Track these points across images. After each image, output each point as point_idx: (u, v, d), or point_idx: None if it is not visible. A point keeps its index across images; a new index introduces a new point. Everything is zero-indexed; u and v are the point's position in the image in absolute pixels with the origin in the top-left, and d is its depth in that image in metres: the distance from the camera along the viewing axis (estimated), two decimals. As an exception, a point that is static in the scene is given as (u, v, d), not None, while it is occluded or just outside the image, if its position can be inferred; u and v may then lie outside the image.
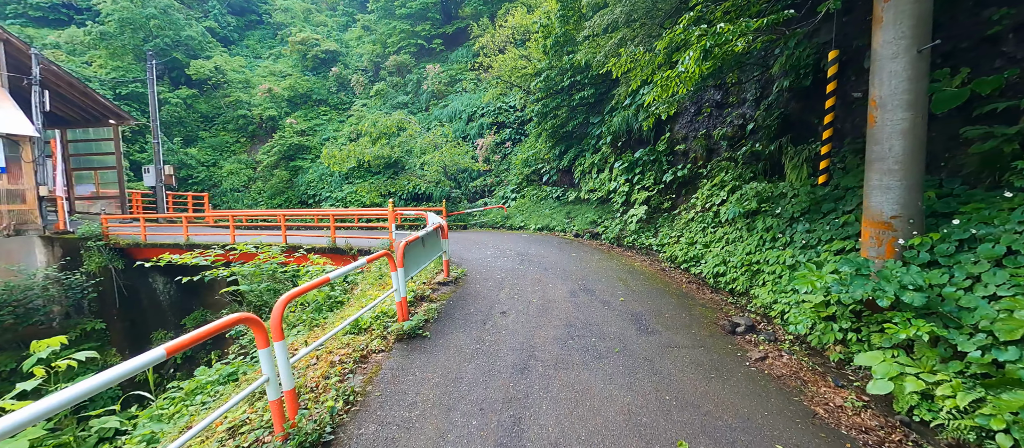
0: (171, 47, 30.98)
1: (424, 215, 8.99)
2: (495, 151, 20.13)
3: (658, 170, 10.93)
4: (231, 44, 37.17)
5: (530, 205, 15.82)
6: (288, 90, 30.97)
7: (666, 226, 10.01)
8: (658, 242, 9.71)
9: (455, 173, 19.96)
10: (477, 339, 4.97)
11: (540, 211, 14.99)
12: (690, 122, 10.58)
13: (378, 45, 31.54)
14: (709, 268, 7.44)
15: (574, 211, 13.88)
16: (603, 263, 8.84)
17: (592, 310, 5.91)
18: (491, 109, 22.88)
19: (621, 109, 12.32)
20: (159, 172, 17.99)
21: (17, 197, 13.17)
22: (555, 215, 14.02)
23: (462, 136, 23.11)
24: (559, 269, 8.23)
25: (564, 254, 9.65)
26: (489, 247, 10.46)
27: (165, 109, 29.72)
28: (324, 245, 11.05)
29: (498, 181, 19.29)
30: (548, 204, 15.37)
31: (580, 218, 13.01)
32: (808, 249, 5.78)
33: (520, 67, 17.12)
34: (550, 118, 15.36)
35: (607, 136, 12.62)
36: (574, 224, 12.78)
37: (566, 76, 14.07)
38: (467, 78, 26.83)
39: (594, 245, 10.98)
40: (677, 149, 10.81)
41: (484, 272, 7.97)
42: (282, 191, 28.32)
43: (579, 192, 14.46)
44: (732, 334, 5.06)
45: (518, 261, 8.89)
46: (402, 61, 29.31)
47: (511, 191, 17.05)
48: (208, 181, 28.65)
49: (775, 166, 8.36)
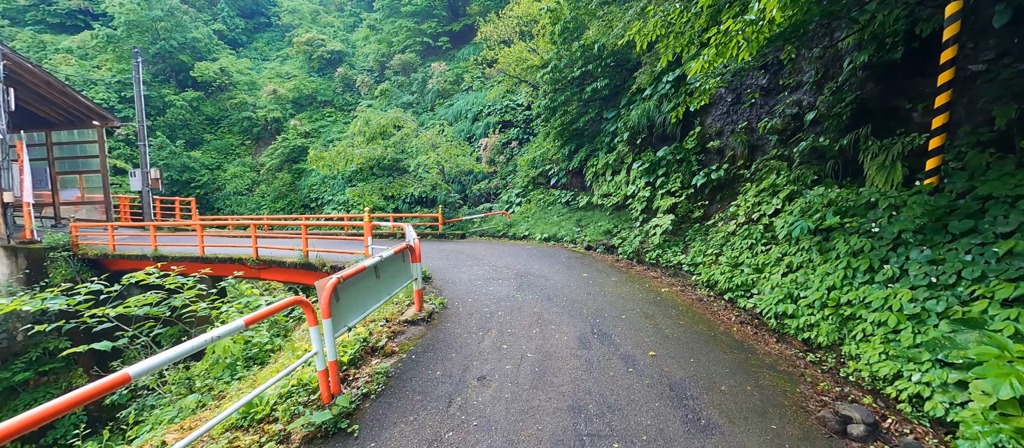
0: (177, 49, 29.90)
1: (404, 227, 7.16)
2: (500, 152, 18.23)
3: (686, 171, 8.89)
4: (240, 47, 36.09)
5: (536, 211, 13.87)
6: (293, 91, 29.64)
7: (698, 240, 7.96)
8: (689, 260, 7.65)
9: (457, 175, 18.12)
10: (432, 441, 3.08)
11: (547, 218, 13.03)
12: (726, 113, 8.50)
13: (384, 44, 29.98)
14: (769, 304, 5.39)
15: (585, 218, 11.90)
16: (622, 288, 6.86)
17: (611, 375, 3.96)
18: (497, 107, 21.00)
19: (640, 101, 10.31)
20: (145, 176, 16.59)
21: (-25, 204, 11.76)
22: (564, 223, 12.06)
23: (467, 137, 21.29)
24: (566, 298, 6.28)
25: (573, 274, 7.69)
26: (484, 264, 8.57)
27: (170, 112, 28.67)
28: (295, 259, 9.31)
29: (503, 184, 17.39)
30: (556, 210, 13.40)
31: (592, 227, 11.03)
32: (938, 289, 3.74)
33: (526, 59, 15.18)
34: (559, 114, 13.39)
35: (623, 132, 10.62)
36: (585, 234, 10.81)
37: (576, 65, 12.09)
38: (473, 76, 25.04)
39: (609, 261, 9.00)
40: (710, 146, 8.75)
41: (470, 303, 6.07)
42: (285, 194, 26.95)
43: (591, 196, 12.47)
44: (842, 436, 3.05)
45: (515, 285, 6.97)
46: (407, 60, 27.66)
47: (516, 195, 15.13)
48: (211, 184, 27.43)
49: (848, 166, 6.27)
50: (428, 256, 9.39)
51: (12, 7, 32.97)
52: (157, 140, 26.40)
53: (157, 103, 28.78)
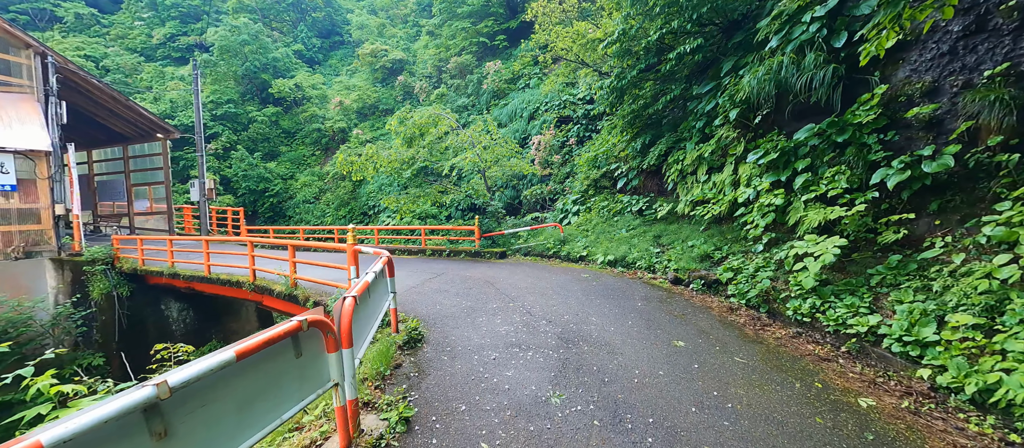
0: (260, 69, 30.88)
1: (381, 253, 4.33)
2: (556, 151, 15.00)
3: (859, 161, 5.01)
4: (316, 64, 36.96)
5: (598, 222, 10.42)
6: (357, 102, 29.11)
7: (905, 285, 4.11)
8: (897, 331, 3.80)
9: (507, 180, 15.21)
10: None
11: (613, 232, 9.54)
12: (949, 54, 4.50)
13: (441, 48, 28.28)
14: None
15: (668, 234, 8.24)
16: (765, 391, 3.32)
17: None
18: (555, 103, 17.81)
19: (756, 63, 6.53)
20: (202, 186, 15.98)
21: (31, 217, 11.27)
22: (637, 240, 8.50)
23: (523, 138, 18.35)
24: (651, 414, 2.95)
25: (658, 342, 4.29)
26: (516, 309, 5.45)
27: (252, 127, 29.52)
28: (282, 291, 6.96)
29: (560, 189, 14.13)
30: (625, 221, 9.85)
31: (679, 247, 7.38)
32: None
33: (586, 35, 11.82)
34: (628, 99, 9.87)
35: (729, 110, 6.89)
36: (669, 258, 7.20)
37: (654, 27, 8.53)
38: (529, 71, 22.11)
39: (716, 309, 5.39)
40: (908, 116, 4.79)
41: (462, 422, 3.02)
42: (346, 202, 26.17)
43: (675, 204, 8.75)
44: None
45: (556, 365, 3.77)
46: (463, 62, 25.54)
47: (573, 202, 11.78)
48: (284, 193, 27.62)
49: None
50: (442, 291, 6.50)
51: (148, 46, 36.85)
52: (238, 153, 27.03)
53: (243, 120, 29.78)
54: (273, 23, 37.70)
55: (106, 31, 38.19)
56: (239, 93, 30.80)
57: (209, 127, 28.22)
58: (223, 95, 29.96)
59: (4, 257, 10.80)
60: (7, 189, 10.87)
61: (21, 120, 11.57)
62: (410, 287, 6.71)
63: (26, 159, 11.15)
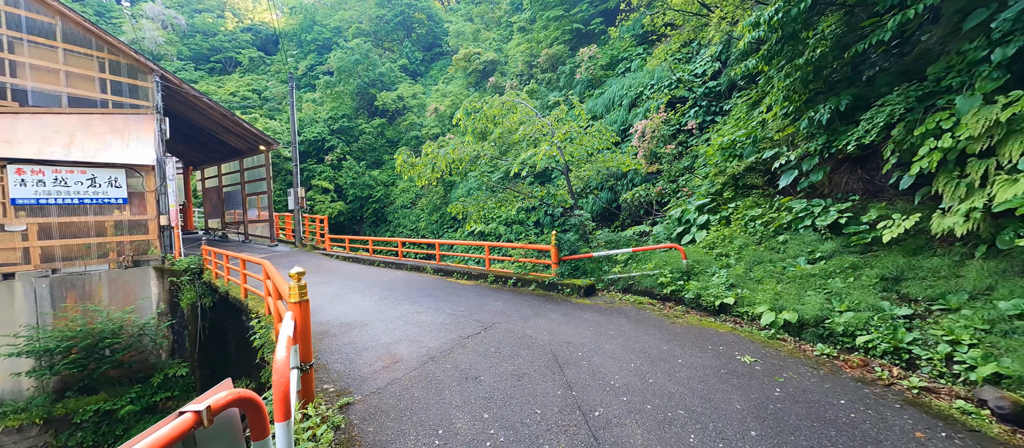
0: (369, 85, 32.15)
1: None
2: (667, 140, 10.93)
3: None
4: (419, 76, 37.62)
5: (746, 242, 6.30)
6: (450, 107, 28.18)
7: None
8: None
9: (603, 179, 11.65)
10: None
11: (779, 262, 5.43)
12: None
13: (532, 43, 25.60)
14: None
15: (912, 270, 3.96)
16: None
17: None
18: (663, 84, 13.60)
19: None
20: (296, 195, 15.85)
21: (140, 228, 11.61)
22: (838, 282, 4.39)
23: (622, 129, 14.50)
24: None
25: None
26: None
27: (362, 138, 30.72)
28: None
29: (673, 189, 10.07)
30: (798, 244, 5.59)
31: (970, 312, 3.20)
32: None
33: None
34: (811, 43, 5.67)
35: None
36: (948, 336, 3.08)
37: None
38: (631, 53, 18.01)
39: None
40: None
41: None
42: (438, 207, 25.26)
43: (916, 215, 4.36)
44: None
45: None
46: (554, 53, 22.44)
47: (697, 209, 7.71)
48: (385, 199, 28.03)
49: None
50: (469, 376, 3.47)
51: (295, 76, 42.06)
52: (347, 163, 28.13)
53: (355, 132, 31.21)
54: (384, 43, 39.69)
55: (268, 68, 44.67)
56: (353, 108, 32.49)
57: (327, 141, 29.99)
58: (339, 111, 31.80)
59: (117, 266, 11.18)
60: (119, 202, 11.26)
61: (138, 138, 12.05)
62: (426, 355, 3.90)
63: (135, 173, 11.45)
